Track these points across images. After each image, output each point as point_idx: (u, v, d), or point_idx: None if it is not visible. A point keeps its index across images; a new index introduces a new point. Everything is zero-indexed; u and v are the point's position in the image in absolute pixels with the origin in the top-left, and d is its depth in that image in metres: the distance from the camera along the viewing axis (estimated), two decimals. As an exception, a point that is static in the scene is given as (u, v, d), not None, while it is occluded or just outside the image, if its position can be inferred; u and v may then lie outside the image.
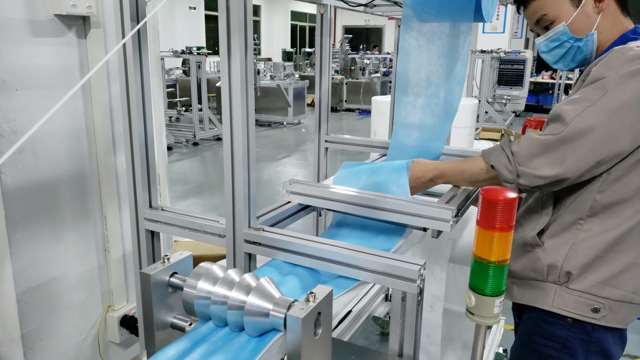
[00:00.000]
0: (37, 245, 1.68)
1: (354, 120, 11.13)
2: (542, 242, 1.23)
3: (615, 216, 1.15)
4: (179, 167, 6.83)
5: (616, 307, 1.17)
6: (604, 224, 1.16)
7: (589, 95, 1.10)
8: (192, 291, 0.79)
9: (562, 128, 1.09)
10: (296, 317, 0.67)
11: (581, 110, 1.09)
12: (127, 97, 1.22)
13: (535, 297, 1.25)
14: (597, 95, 1.09)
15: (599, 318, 1.18)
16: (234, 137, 1.08)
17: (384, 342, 2.83)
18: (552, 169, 1.09)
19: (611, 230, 1.15)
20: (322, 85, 1.99)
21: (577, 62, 1.29)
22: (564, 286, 1.20)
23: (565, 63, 1.30)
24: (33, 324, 1.70)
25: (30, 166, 1.62)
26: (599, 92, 1.09)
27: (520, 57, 10.66)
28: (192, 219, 1.24)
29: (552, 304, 1.21)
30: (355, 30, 19.02)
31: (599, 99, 1.08)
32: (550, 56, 1.31)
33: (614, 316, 1.18)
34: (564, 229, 1.21)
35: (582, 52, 1.26)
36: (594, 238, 1.17)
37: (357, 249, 1.06)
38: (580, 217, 1.18)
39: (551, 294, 1.21)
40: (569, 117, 1.09)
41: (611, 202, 1.15)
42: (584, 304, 1.18)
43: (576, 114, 1.09)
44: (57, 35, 1.64)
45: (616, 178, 1.13)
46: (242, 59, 1.02)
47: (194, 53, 8.04)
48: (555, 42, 1.27)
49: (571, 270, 1.18)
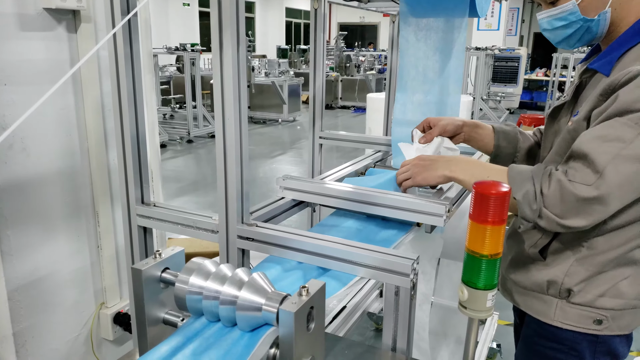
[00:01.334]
0: (28, 242, 1.66)
1: (349, 118, 11.13)
2: (544, 256, 1.18)
3: (623, 235, 1.09)
4: (173, 165, 6.81)
5: (619, 315, 1.14)
6: (610, 243, 1.10)
7: (620, 132, 0.96)
8: (184, 286, 0.79)
9: (594, 178, 0.96)
10: (289, 311, 0.67)
11: (614, 155, 0.95)
12: (118, 92, 1.21)
13: (537, 308, 1.21)
14: (630, 134, 0.95)
15: (602, 329, 1.14)
16: (227, 132, 1.07)
17: (379, 338, 2.83)
18: (578, 221, 0.99)
19: (617, 248, 1.10)
20: (316, 81, 1.99)
21: (584, 42, 1.16)
22: (564, 300, 1.16)
23: (570, 43, 1.17)
24: (25, 322, 1.69)
25: (20, 162, 1.60)
26: (633, 130, 0.95)
27: (514, 54, 10.70)
28: (184, 215, 1.23)
29: (554, 317, 1.17)
30: (350, 28, 18.99)
31: (633, 139, 0.95)
32: (553, 35, 1.18)
33: (617, 324, 1.14)
34: (567, 246, 1.14)
35: (592, 32, 1.12)
36: (597, 256, 1.11)
37: (350, 243, 1.06)
38: (587, 237, 1.11)
39: (552, 308, 1.17)
40: (599, 163, 0.96)
41: (620, 224, 1.08)
42: (586, 317, 1.14)
43: (609, 159, 0.95)
44: (46, 30, 1.62)
45: (630, 203, 1.05)
46: (234, 54, 1.02)
47: (188, 50, 8.00)
48: (562, 22, 1.13)
49: (572, 288, 1.14)
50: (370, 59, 12.99)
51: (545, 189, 1.01)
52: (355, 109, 11.97)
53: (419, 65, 1.71)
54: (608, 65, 1.08)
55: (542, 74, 12.80)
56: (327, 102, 11.95)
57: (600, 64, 1.11)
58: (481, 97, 8.96)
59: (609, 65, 1.08)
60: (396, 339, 1.03)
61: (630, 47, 1.06)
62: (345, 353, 0.98)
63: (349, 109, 12.18)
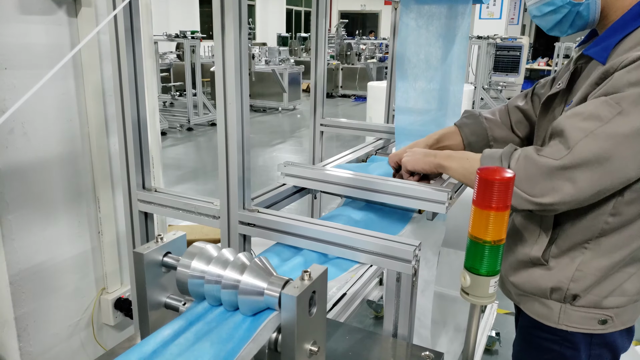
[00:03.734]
0: (29, 227, 1.66)
1: (350, 107, 11.09)
2: (546, 260, 1.14)
3: (625, 234, 1.07)
4: (173, 152, 6.80)
5: (621, 312, 1.13)
6: (613, 243, 1.07)
7: (600, 111, 0.94)
8: (185, 270, 0.79)
9: (564, 152, 0.95)
10: (291, 295, 0.67)
11: (588, 132, 0.93)
12: (119, 77, 1.20)
13: (538, 311, 1.18)
14: (609, 113, 0.93)
15: (606, 328, 1.13)
16: (228, 117, 1.06)
17: (378, 326, 2.85)
18: (546, 197, 0.97)
19: (620, 249, 1.07)
20: (317, 68, 1.97)
21: (577, 28, 1.12)
22: (568, 304, 1.13)
23: (562, 29, 1.13)
24: (26, 307, 1.70)
25: (20, 147, 1.60)
26: (612, 109, 0.93)
27: (516, 43, 10.63)
28: (186, 200, 1.23)
29: (558, 321, 1.15)
30: (351, 16, 18.83)
31: (610, 119, 0.93)
32: (544, 22, 1.14)
33: (620, 320, 1.13)
34: (570, 248, 1.11)
35: (583, 17, 1.08)
36: (601, 258, 1.08)
37: (352, 229, 1.06)
38: (589, 238, 1.09)
39: (556, 312, 1.15)
40: (572, 138, 0.95)
41: (623, 223, 1.06)
42: (591, 319, 1.12)
43: (582, 136, 0.94)
44: (47, 14, 1.61)
45: (630, 201, 1.03)
46: (236, 37, 1.01)
47: (188, 37, 7.95)
48: (550, 7, 1.10)
49: (578, 293, 1.11)
50: (372, 48, 12.92)
51: (512, 165, 1.00)
52: (356, 98, 11.92)
53: (421, 52, 1.69)
54: (604, 53, 1.05)
55: (543, 64, 12.74)
56: (328, 91, 11.80)
57: (596, 50, 1.07)
58: (482, 87, 8.92)
59: (605, 52, 1.05)
60: (397, 325, 1.03)
61: (627, 33, 1.03)
62: (346, 338, 0.98)
63: (350, 98, 12.14)
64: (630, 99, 0.92)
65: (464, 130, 1.41)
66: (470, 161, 1.13)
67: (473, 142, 1.40)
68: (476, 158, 1.12)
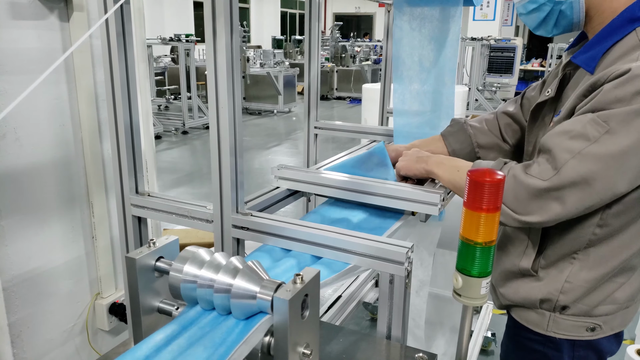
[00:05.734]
0: (22, 232, 1.66)
1: (345, 109, 11.11)
2: (535, 271, 1.14)
3: (614, 245, 1.07)
4: (168, 156, 6.79)
5: (611, 319, 1.13)
6: (601, 254, 1.08)
7: (588, 130, 0.93)
8: (178, 275, 0.79)
9: (551, 173, 0.95)
10: (283, 299, 0.67)
11: (575, 153, 0.93)
12: (112, 82, 1.20)
13: (527, 319, 1.19)
14: (596, 132, 0.92)
15: (595, 335, 1.14)
16: (220, 120, 1.06)
17: (374, 328, 2.85)
18: (534, 216, 0.98)
19: (609, 261, 1.08)
20: (311, 71, 1.97)
21: (563, 28, 1.11)
22: (557, 313, 1.14)
23: (547, 29, 1.13)
24: (20, 312, 1.69)
25: (13, 152, 1.59)
26: (600, 128, 0.92)
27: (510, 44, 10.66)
28: (179, 205, 1.23)
29: (547, 329, 1.15)
30: (345, 18, 18.87)
31: (598, 138, 0.92)
32: (530, 20, 1.14)
33: (609, 327, 1.14)
34: (559, 259, 1.11)
35: (566, 16, 1.08)
36: (591, 270, 1.09)
37: (345, 232, 1.06)
38: (577, 249, 1.09)
39: (545, 320, 1.15)
40: (560, 160, 0.94)
41: (611, 233, 1.06)
42: (580, 327, 1.13)
43: (569, 157, 0.94)
44: (38, 19, 1.60)
45: (617, 213, 1.03)
46: (227, 41, 1.01)
47: (182, 40, 7.94)
48: (533, 4, 1.10)
49: (568, 304, 1.12)
50: (366, 50, 12.94)
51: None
52: (351, 100, 11.94)
53: (414, 55, 1.70)
54: (592, 62, 1.04)
55: (537, 65, 12.80)
56: (323, 93, 11.91)
57: (583, 58, 1.07)
58: (477, 88, 8.95)
59: (592, 61, 1.04)
60: (391, 327, 1.03)
61: (615, 41, 1.02)
62: (340, 341, 0.98)
63: (345, 100, 12.15)
64: (619, 118, 0.91)
65: (448, 139, 1.44)
66: (460, 173, 1.14)
67: (457, 149, 1.42)
68: (465, 169, 1.11)
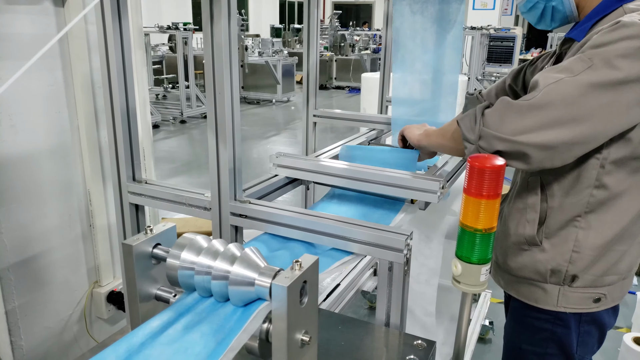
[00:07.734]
0: (19, 220, 1.65)
1: (344, 98, 11.06)
2: (540, 240, 1.17)
3: (613, 210, 1.10)
4: (166, 145, 6.76)
5: (612, 289, 1.17)
6: (602, 220, 1.11)
7: (573, 65, 1.00)
8: (175, 262, 0.78)
9: (534, 94, 1.00)
10: (282, 285, 0.66)
11: (557, 79, 0.99)
12: (108, 68, 1.18)
13: (536, 297, 1.21)
14: (580, 67, 0.99)
15: (599, 306, 1.17)
16: (218, 107, 1.05)
17: (373, 316, 2.86)
18: (516, 136, 0.99)
19: (610, 227, 1.11)
20: (309, 59, 1.95)
21: (560, 21, 1.21)
22: (566, 286, 1.17)
23: (546, 23, 1.23)
24: (17, 300, 1.68)
25: (8, 139, 1.57)
26: (584, 64, 0.99)
27: (510, 34, 10.59)
28: (176, 192, 1.21)
29: (557, 304, 1.18)
30: (344, 7, 18.74)
31: (581, 71, 0.98)
32: (530, 16, 1.25)
33: (611, 298, 1.18)
34: (561, 227, 1.14)
35: (559, 10, 1.18)
36: (595, 238, 1.12)
37: (343, 220, 1.05)
38: (577, 214, 1.12)
39: (555, 295, 1.18)
40: (543, 84, 1.00)
41: (608, 197, 1.10)
42: (587, 298, 1.16)
43: (551, 82, 0.99)
44: (33, 3, 1.58)
45: (609, 171, 1.08)
46: (225, 25, 0.99)
47: (180, 29, 7.88)
48: (529, 3, 1.21)
49: (577, 274, 1.15)
50: (365, 39, 12.86)
51: (487, 112, 1.04)
52: (350, 89, 11.88)
53: (416, 37, 1.68)
54: (582, 33, 1.13)
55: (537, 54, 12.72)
56: (322, 83, 11.85)
57: (575, 32, 1.16)
58: (476, 77, 8.91)
59: (582, 33, 1.13)
60: (390, 315, 1.03)
61: (602, 15, 1.11)
62: (339, 328, 0.98)
63: (344, 90, 12.10)
64: (602, 56, 0.98)
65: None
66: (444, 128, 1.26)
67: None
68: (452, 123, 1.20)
